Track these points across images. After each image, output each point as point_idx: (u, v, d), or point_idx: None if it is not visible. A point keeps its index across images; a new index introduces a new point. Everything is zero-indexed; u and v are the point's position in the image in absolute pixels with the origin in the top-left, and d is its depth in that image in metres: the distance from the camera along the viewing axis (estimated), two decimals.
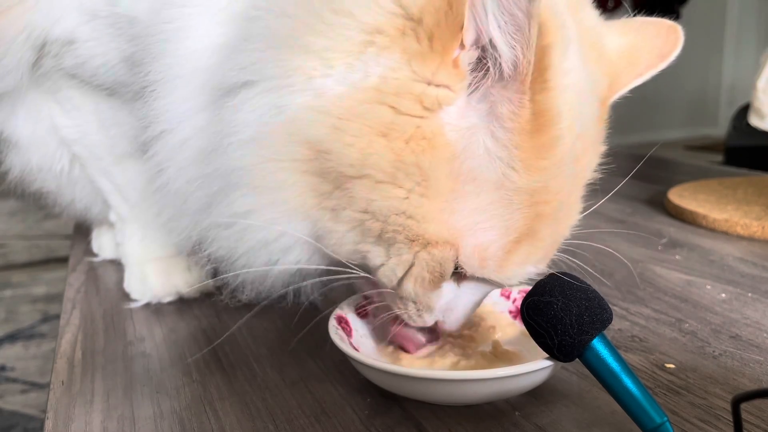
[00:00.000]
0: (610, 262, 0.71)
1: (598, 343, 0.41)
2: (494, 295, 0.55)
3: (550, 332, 0.41)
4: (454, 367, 0.49)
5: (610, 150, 0.50)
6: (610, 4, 3.11)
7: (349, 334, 0.50)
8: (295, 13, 0.42)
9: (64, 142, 0.68)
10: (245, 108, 0.43)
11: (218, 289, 0.56)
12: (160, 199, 0.53)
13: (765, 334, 0.56)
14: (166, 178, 0.50)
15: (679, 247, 0.81)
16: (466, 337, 0.52)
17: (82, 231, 0.88)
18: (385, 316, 0.49)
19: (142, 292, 0.68)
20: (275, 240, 0.46)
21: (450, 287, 0.46)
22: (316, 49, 0.41)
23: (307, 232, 0.45)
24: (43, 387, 1.68)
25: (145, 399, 0.49)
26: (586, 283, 0.43)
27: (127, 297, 0.69)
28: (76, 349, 0.58)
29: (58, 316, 0.65)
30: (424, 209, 0.41)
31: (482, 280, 0.45)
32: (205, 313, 0.64)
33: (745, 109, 1.93)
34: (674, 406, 0.45)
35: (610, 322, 0.42)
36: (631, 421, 0.40)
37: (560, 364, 0.44)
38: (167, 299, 0.68)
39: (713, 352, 0.53)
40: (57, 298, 2.11)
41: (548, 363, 0.43)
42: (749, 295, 0.65)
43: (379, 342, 0.52)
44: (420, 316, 0.46)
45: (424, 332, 0.49)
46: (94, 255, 0.82)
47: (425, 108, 0.40)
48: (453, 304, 0.47)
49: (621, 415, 0.41)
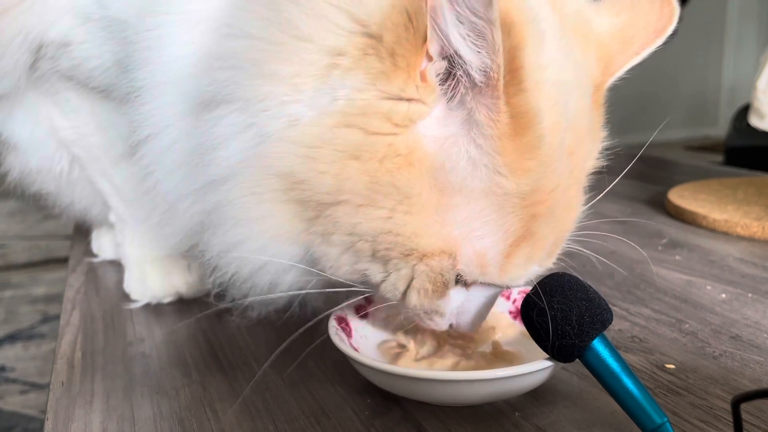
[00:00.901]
0: (610, 262, 0.71)
1: (598, 344, 0.41)
2: None
3: (551, 333, 0.41)
4: (455, 367, 0.49)
5: (610, 150, 0.50)
6: None
7: (349, 335, 0.50)
8: (259, 36, 0.41)
9: (62, 144, 0.68)
10: (222, 123, 0.43)
11: (229, 310, 0.56)
12: (149, 202, 0.53)
13: (765, 335, 0.56)
14: (154, 181, 0.50)
15: (679, 248, 0.81)
16: (466, 338, 0.52)
17: (82, 232, 0.88)
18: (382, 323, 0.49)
19: (142, 292, 0.68)
20: (270, 264, 0.46)
21: (458, 292, 0.45)
22: (284, 75, 0.41)
23: (301, 257, 0.45)
24: (43, 388, 1.68)
25: (145, 399, 0.49)
26: (587, 284, 0.43)
27: (126, 297, 0.69)
28: (76, 349, 0.58)
29: (57, 317, 0.65)
30: (411, 225, 0.41)
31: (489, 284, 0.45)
32: (205, 314, 0.64)
33: (745, 110, 1.93)
34: (674, 406, 0.45)
35: (610, 323, 0.42)
36: (631, 422, 0.40)
37: (560, 365, 0.44)
38: (167, 300, 0.68)
39: (713, 352, 0.53)
40: (57, 298, 2.11)
41: (548, 363, 0.43)
42: (749, 295, 0.65)
43: (379, 342, 0.52)
44: (432, 320, 0.46)
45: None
46: (94, 256, 0.82)
47: (396, 125, 0.39)
48: (465, 307, 0.46)
49: (621, 415, 0.41)
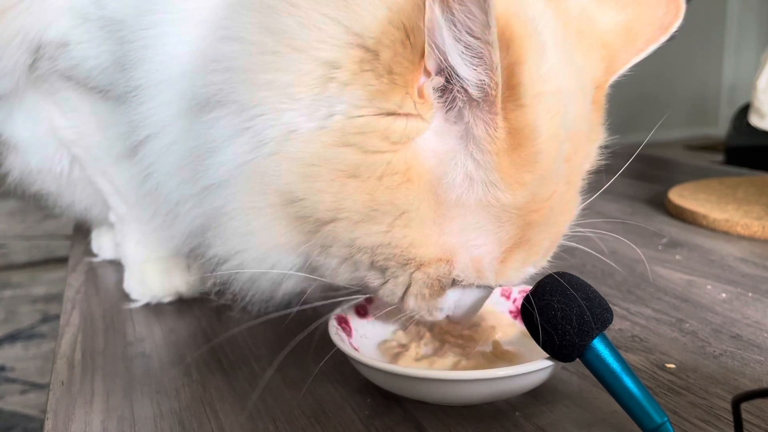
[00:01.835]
0: (610, 262, 0.71)
1: (598, 343, 0.41)
2: (495, 296, 0.55)
3: (551, 332, 0.41)
4: (455, 367, 0.49)
5: (610, 149, 0.50)
6: None
7: (349, 335, 0.50)
8: (254, 41, 0.41)
9: (63, 144, 0.68)
10: (218, 125, 0.43)
11: (228, 307, 0.56)
12: (151, 203, 0.53)
13: (765, 334, 0.56)
14: (155, 182, 0.50)
15: (679, 247, 0.81)
16: (466, 338, 0.52)
17: (82, 231, 0.88)
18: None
19: (142, 292, 0.68)
20: (272, 270, 0.46)
21: (453, 291, 0.46)
22: (279, 84, 0.40)
23: (301, 265, 0.45)
24: (43, 387, 1.68)
25: (145, 399, 0.49)
26: (587, 283, 0.43)
27: (126, 297, 0.69)
28: (76, 349, 0.58)
29: (57, 317, 0.65)
30: (409, 238, 0.41)
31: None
32: (205, 313, 0.64)
33: (745, 109, 1.93)
34: (675, 406, 0.45)
35: (610, 322, 0.42)
36: (631, 422, 0.40)
37: (560, 364, 0.44)
38: (167, 299, 0.68)
39: (714, 352, 0.53)
40: (57, 298, 2.11)
41: (548, 363, 0.43)
42: (750, 295, 0.65)
43: (380, 342, 0.52)
44: (431, 314, 0.47)
45: None
46: (94, 255, 0.82)
47: (393, 143, 0.39)
48: (461, 302, 0.47)
49: (621, 415, 0.41)
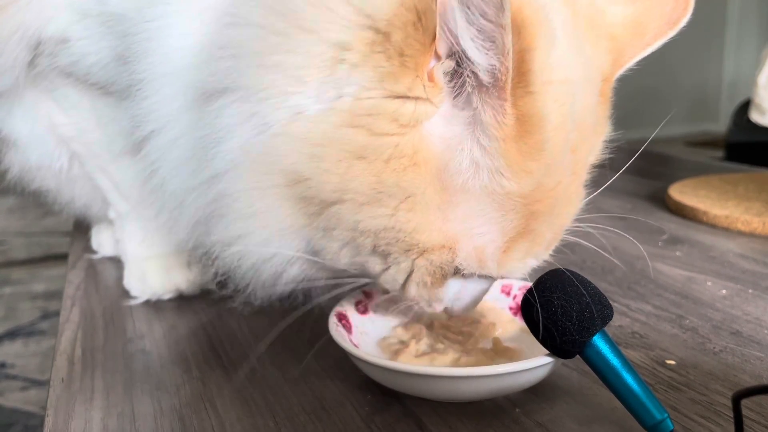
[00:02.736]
0: (610, 258, 0.71)
1: (598, 340, 0.41)
2: (495, 292, 0.55)
3: (551, 329, 0.41)
4: (455, 363, 0.49)
5: (610, 145, 0.50)
6: None
7: (349, 331, 0.50)
8: (262, 25, 0.41)
9: (62, 140, 0.68)
10: (225, 114, 0.43)
11: (230, 298, 0.56)
12: (156, 200, 0.53)
13: (766, 331, 0.56)
14: (161, 178, 0.50)
15: (679, 244, 0.81)
16: (466, 334, 0.52)
17: (82, 228, 0.88)
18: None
19: (142, 289, 0.68)
20: (274, 256, 0.46)
21: (455, 281, 0.46)
22: (287, 66, 0.40)
23: (303, 248, 0.45)
24: (43, 384, 1.68)
25: (145, 396, 0.49)
26: (587, 280, 0.43)
27: (126, 294, 0.68)
28: (76, 346, 0.58)
29: (57, 313, 0.65)
30: (413, 222, 0.41)
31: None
32: (205, 310, 0.64)
33: (745, 105, 1.92)
34: (675, 402, 0.45)
35: (610, 319, 0.42)
36: (631, 418, 0.40)
37: (561, 361, 0.44)
38: (167, 296, 0.67)
39: (714, 348, 0.53)
40: (57, 295, 2.11)
41: (549, 360, 0.43)
42: (750, 291, 0.65)
43: (380, 338, 0.52)
44: (430, 305, 0.47)
45: None
46: (94, 252, 0.82)
47: (402, 125, 0.39)
48: (461, 294, 0.47)
49: (621, 411, 0.41)
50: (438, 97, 0.39)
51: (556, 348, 0.42)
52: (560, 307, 0.41)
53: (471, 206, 0.41)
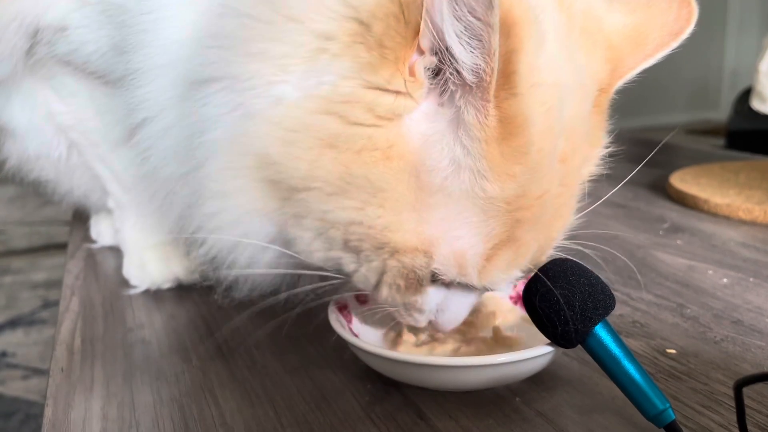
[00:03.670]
0: (611, 247, 0.70)
1: (600, 329, 0.40)
2: None
3: (553, 318, 0.41)
4: (455, 353, 0.49)
5: (612, 134, 0.50)
6: None
7: (349, 321, 0.50)
8: (250, 14, 0.41)
9: (60, 129, 0.67)
10: (211, 102, 0.43)
11: (211, 288, 0.55)
12: (148, 186, 0.53)
13: (767, 319, 0.56)
14: (152, 166, 0.50)
15: (680, 232, 0.80)
16: (466, 323, 0.52)
17: (81, 218, 0.88)
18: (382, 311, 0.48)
19: (141, 278, 0.67)
20: (247, 240, 0.45)
21: (437, 290, 0.44)
22: (272, 55, 0.40)
23: (274, 234, 0.44)
24: (45, 373, 1.68)
25: (145, 386, 0.49)
26: (589, 269, 0.43)
27: (126, 283, 0.68)
28: (76, 336, 0.57)
29: (58, 302, 0.65)
30: (384, 219, 0.40)
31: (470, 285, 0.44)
32: (205, 300, 0.64)
33: (747, 93, 1.91)
34: (675, 391, 0.45)
35: (612, 308, 0.41)
36: (632, 407, 0.40)
37: (561, 350, 0.44)
38: (166, 285, 0.67)
39: (715, 337, 0.53)
40: (57, 284, 2.11)
41: (549, 349, 0.43)
42: (751, 279, 0.65)
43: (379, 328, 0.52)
44: (410, 315, 0.45)
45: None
46: (93, 241, 0.82)
47: (378, 117, 0.39)
48: (444, 305, 0.45)
49: (622, 401, 0.41)
50: (419, 92, 0.39)
51: (558, 337, 0.41)
52: (563, 297, 0.40)
53: (450, 208, 0.40)
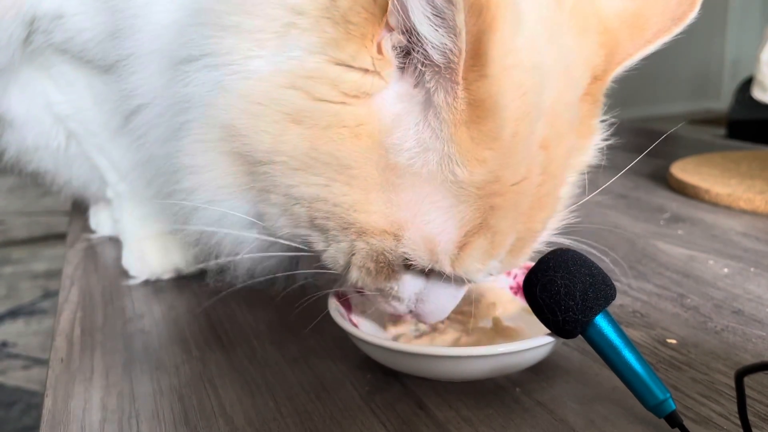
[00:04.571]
0: (612, 237, 0.70)
1: (601, 320, 0.40)
2: None
3: (554, 309, 0.41)
4: (455, 343, 0.49)
5: (612, 125, 0.49)
6: None
7: (348, 310, 0.50)
8: None
9: (58, 119, 0.67)
10: (192, 82, 0.42)
11: (202, 273, 0.55)
12: (144, 173, 0.52)
13: (767, 309, 0.56)
14: (147, 152, 0.50)
15: (681, 222, 0.80)
16: (467, 314, 0.52)
17: (80, 208, 0.87)
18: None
19: (141, 269, 0.67)
20: (224, 217, 0.45)
21: (414, 278, 0.43)
22: (246, 29, 0.40)
23: (247, 210, 0.44)
24: (45, 363, 1.69)
25: (145, 376, 0.49)
26: (590, 259, 0.42)
27: (125, 274, 0.68)
28: (75, 326, 0.57)
29: (58, 293, 0.65)
30: (350, 198, 0.39)
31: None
32: (204, 290, 0.64)
33: (748, 82, 1.91)
34: (675, 381, 0.45)
35: (613, 299, 0.41)
36: (631, 397, 0.40)
37: (561, 340, 0.44)
38: (166, 276, 0.67)
39: (715, 327, 0.53)
40: (57, 274, 2.11)
41: (549, 339, 0.43)
42: (752, 269, 0.65)
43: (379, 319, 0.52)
44: (388, 303, 0.45)
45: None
46: (92, 232, 0.82)
47: (344, 94, 0.38)
48: (424, 295, 0.44)
49: (622, 391, 0.41)
50: (387, 71, 0.38)
51: (559, 327, 0.41)
52: (564, 287, 0.40)
53: (418, 191, 0.39)
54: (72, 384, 0.48)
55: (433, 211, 0.39)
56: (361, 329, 0.47)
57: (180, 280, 0.67)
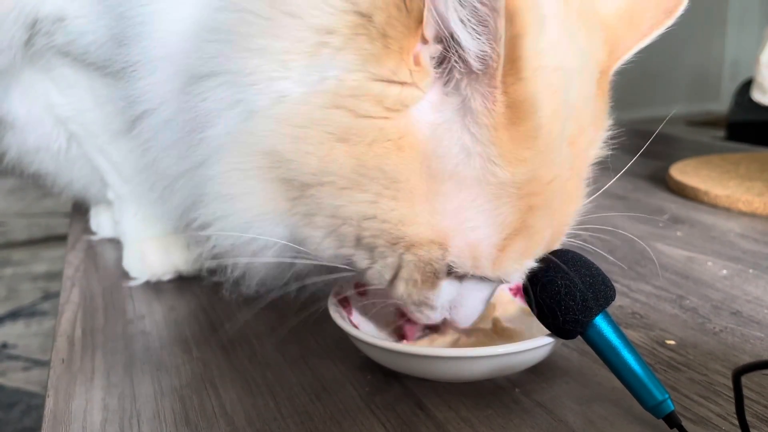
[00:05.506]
0: (611, 238, 0.70)
1: (600, 321, 0.40)
2: None
3: (554, 310, 0.41)
4: (455, 344, 0.49)
5: (613, 126, 0.49)
6: None
7: (349, 312, 0.50)
8: (249, 9, 0.41)
9: (60, 121, 0.67)
10: (210, 98, 0.43)
11: (219, 284, 0.55)
12: (148, 177, 0.53)
13: (766, 311, 0.56)
14: (152, 157, 0.50)
15: (680, 224, 0.80)
16: None
17: (81, 209, 0.88)
18: (382, 303, 0.48)
19: (141, 270, 0.67)
20: (254, 241, 0.45)
21: (450, 284, 0.44)
22: (272, 51, 0.40)
23: (286, 237, 0.44)
24: (45, 364, 1.69)
25: (146, 377, 0.49)
26: (590, 260, 0.43)
27: (126, 275, 0.68)
28: (76, 327, 0.58)
29: (59, 294, 0.65)
30: (398, 212, 0.40)
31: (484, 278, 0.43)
32: (205, 291, 0.64)
33: (747, 84, 1.91)
34: (674, 382, 0.45)
35: (613, 300, 0.41)
36: (631, 398, 0.40)
37: (561, 341, 0.44)
38: (166, 277, 0.67)
39: (714, 328, 0.53)
40: (57, 275, 2.11)
41: (549, 340, 0.43)
42: (750, 271, 0.65)
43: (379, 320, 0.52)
44: (421, 312, 0.45)
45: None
46: (93, 233, 0.82)
47: (387, 109, 0.38)
48: (458, 301, 0.45)
49: (621, 391, 0.41)
50: (425, 81, 0.38)
51: (559, 328, 0.41)
52: (563, 288, 0.40)
53: (462, 197, 0.39)
54: (73, 384, 0.48)
55: (476, 217, 0.40)
56: (362, 330, 0.48)
57: (180, 281, 0.67)
